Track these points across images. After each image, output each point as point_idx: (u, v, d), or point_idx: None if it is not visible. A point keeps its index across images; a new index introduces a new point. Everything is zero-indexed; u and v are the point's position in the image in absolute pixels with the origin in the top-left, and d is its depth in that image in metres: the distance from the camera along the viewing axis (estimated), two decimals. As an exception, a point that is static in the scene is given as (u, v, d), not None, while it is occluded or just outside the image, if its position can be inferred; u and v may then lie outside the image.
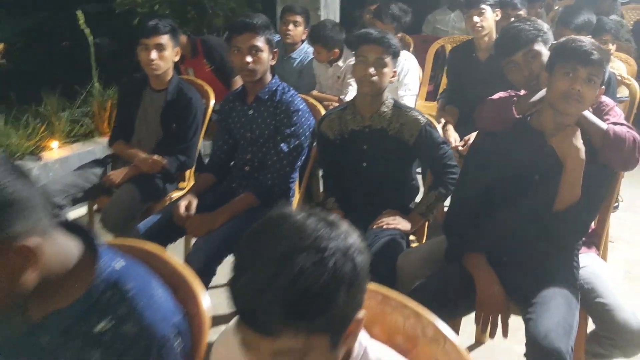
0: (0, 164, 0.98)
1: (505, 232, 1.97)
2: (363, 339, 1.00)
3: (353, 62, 3.40)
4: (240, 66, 2.55)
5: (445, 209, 2.52)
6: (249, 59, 2.50)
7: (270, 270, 0.85)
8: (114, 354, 1.06)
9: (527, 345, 1.72)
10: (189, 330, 1.16)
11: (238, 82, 3.88)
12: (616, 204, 3.83)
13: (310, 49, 3.93)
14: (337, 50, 3.73)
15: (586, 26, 3.38)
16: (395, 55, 2.33)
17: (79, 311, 1.07)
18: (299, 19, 3.99)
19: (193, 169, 3.08)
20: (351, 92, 3.60)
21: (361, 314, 0.94)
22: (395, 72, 2.38)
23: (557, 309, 1.75)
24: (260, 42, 2.51)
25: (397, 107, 2.42)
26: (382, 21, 3.89)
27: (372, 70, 2.28)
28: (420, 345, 1.10)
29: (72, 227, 1.11)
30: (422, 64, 4.10)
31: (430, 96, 4.49)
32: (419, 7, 5.04)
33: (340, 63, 3.76)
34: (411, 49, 4.52)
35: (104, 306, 1.07)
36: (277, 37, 4.32)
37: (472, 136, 2.87)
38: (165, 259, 1.29)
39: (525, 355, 1.72)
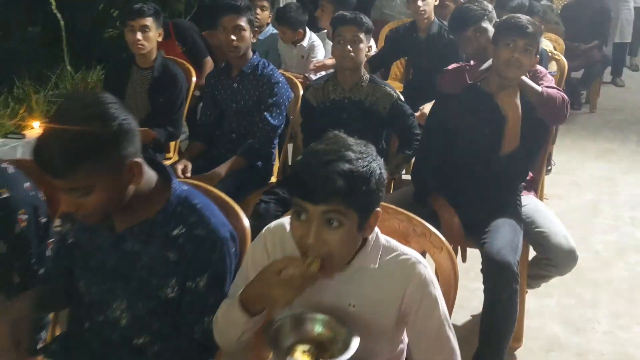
0: (116, 102, 1.29)
1: (462, 177, 2.39)
2: (376, 229, 1.38)
3: (316, 42, 3.78)
4: (225, 43, 2.87)
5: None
6: (233, 37, 2.83)
7: (329, 158, 1.21)
8: (187, 252, 1.39)
9: (483, 262, 2.14)
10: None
11: (208, 62, 4.19)
12: (549, 167, 4.37)
13: (275, 32, 4.26)
14: (301, 30, 4.07)
15: (519, 8, 3.85)
16: (369, 32, 2.69)
17: (160, 220, 1.40)
18: (265, 3, 4.30)
19: (178, 141, 3.38)
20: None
21: (379, 210, 1.31)
22: (370, 47, 2.74)
23: (505, 233, 2.18)
24: (243, 22, 2.84)
25: (373, 82, 2.78)
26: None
27: (349, 47, 2.64)
28: (412, 240, 1.48)
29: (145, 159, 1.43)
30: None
31: (383, 77, 4.89)
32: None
33: (304, 44, 4.10)
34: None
35: (178, 216, 1.40)
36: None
37: (427, 106, 3.29)
38: (210, 189, 1.63)
39: (482, 270, 2.15)
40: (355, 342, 1.27)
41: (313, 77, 3.82)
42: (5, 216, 1.54)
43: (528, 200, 2.51)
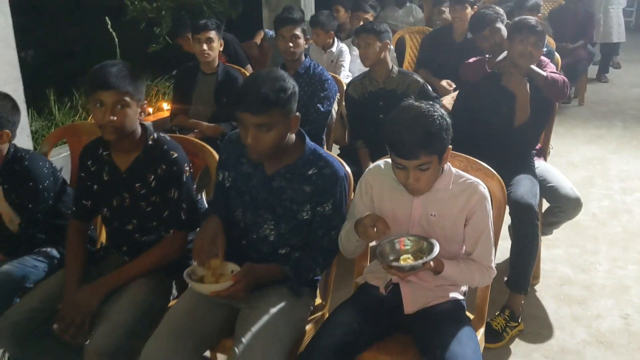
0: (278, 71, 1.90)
1: (485, 148, 3.00)
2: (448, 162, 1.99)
3: (343, 48, 4.42)
4: (283, 50, 3.49)
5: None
6: (290, 44, 3.46)
7: (412, 120, 1.81)
8: (318, 186, 1.99)
9: (509, 207, 2.75)
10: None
11: (249, 70, 4.81)
12: (549, 151, 5.01)
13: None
14: (332, 32, 4.70)
15: (535, 7, 4.48)
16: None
17: (299, 164, 2.00)
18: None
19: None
20: (343, 72, 4.59)
21: (450, 146, 1.92)
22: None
23: (526, 184, 2.80)
24: (298, 31, 3.47)
25: (401, 72, 3.42)
26: (363, 10, 4.93)
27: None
28: (470, 173, 2.09)
29: None
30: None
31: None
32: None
33: (333, 49, 4.74)
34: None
35: (311, 161, 2.00)
36: (273, 33, 5.27)
37: (445, 98, 3.92)
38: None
39: (510, 213, 2.76)
40: (437, 247, 1.86)
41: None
42: (177, 170, 2.14)
43: (539, 163, 3.13)
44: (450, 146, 1.92)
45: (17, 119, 2.40)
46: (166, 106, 4.89)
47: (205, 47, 3.74)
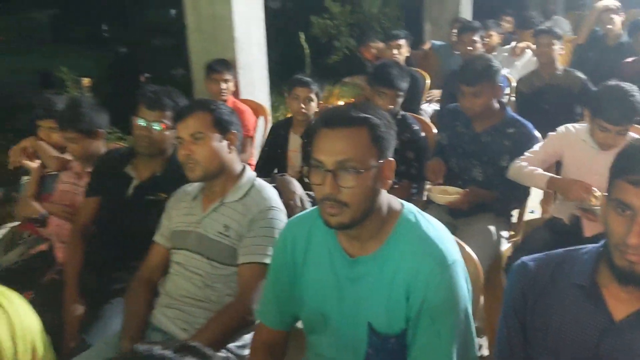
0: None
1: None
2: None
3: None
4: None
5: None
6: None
7: (623, 95, 2.48)
8: (516, 141, 2.73)
9: None
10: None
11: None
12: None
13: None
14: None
15: None
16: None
17: (502, 124, 2.76)
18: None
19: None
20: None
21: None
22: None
23: None
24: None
25: (566, 70, 4.07)
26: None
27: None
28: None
29: None
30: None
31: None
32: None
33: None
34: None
35: (511, 123, 2.76)
36: (440, 43, 6.09)
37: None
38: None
39: None
40: None
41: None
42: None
43: None
44: None
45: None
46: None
47: (395, 52, 4.63)
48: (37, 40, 14.76)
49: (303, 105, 3.29)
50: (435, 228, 1.49)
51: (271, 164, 3.41)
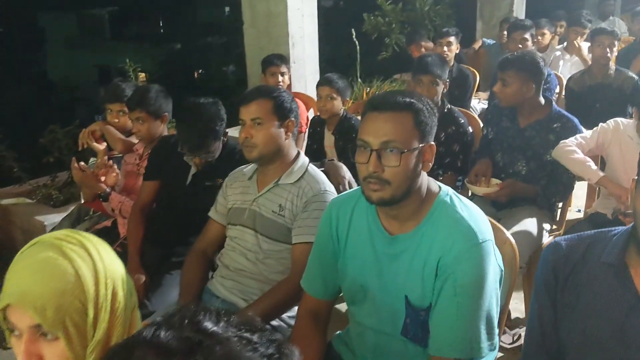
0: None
1: None
2: None
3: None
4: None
5: None
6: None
7: None
8: (561, 136, 2.77)
9: None
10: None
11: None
12: None
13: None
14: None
15: None
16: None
17: (547, 119, 2.81)
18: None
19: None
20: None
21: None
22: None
23: None
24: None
25: (617, 69, 4.04)
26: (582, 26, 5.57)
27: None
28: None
29: None
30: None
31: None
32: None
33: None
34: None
35: (556, 118, 2.81)
36: (490, 41, 6.10)
37: None
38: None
39: None
40: None
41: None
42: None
43: None
44: None
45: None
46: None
47: (445, 49, 4.69)
48: (97, 37, 15.34)
49: (324, 104, 3.33)
50: (468, 208, 1.56)
51: (312, 158, 3.47)
